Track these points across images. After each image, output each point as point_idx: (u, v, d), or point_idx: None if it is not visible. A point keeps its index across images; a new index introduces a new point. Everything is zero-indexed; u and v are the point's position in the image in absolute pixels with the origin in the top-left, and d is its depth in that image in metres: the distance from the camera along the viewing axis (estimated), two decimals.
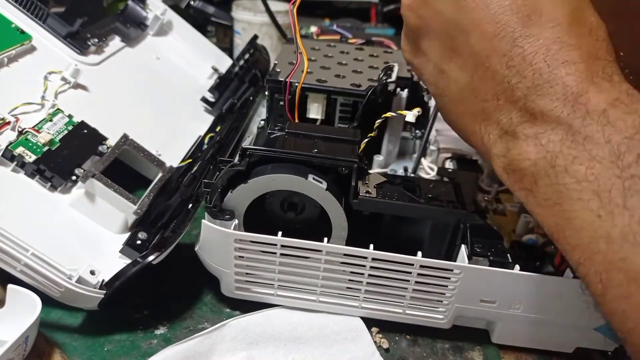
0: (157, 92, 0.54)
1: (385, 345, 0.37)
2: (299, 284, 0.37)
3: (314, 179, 0.34)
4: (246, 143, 0.37)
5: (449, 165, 0.51)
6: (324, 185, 0.34)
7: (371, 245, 0.34)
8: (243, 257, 0.35)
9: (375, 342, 0.36)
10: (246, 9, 0.72)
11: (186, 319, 0.37)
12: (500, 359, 0.37)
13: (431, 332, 0.38)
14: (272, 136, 0.38)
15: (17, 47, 0.43)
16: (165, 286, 0.40)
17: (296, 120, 0.44)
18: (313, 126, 0.42)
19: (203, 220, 0.35)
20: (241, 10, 0.73)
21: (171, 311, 0.38)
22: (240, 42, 0.75)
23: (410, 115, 0.40)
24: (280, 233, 0.34)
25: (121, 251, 0.36)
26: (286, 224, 0.37)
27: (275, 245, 0.34)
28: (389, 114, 0.41)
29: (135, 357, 0.34)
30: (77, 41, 0.48)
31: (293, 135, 0.38)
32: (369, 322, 0.38)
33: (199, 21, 0.75)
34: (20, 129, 0.38)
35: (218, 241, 0.35)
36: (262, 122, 0.50)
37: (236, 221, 0.36)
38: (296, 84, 0.42)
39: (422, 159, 0.49)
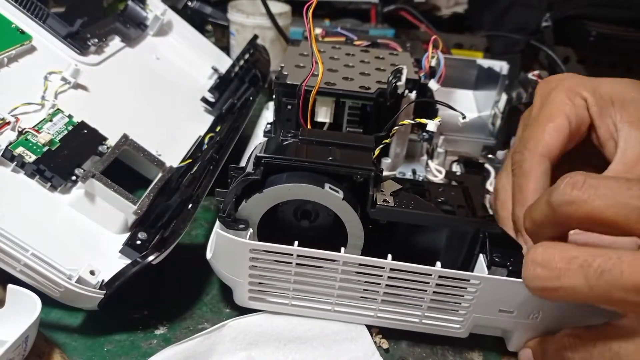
0: (157, 92, 0.54)
1: (385, 345, 0.37)
2: (314, 293, 0.36)
3: (330, 188, 0.34)
4: (257, 150, 0.36)
5: (455, 168, 0.51)
6: (341, 194, 0.34)
7: (389, 256, 0.33)
8: (257, 266, 0.35)
9: (375, 342, 0.36)
10: (239, 11, 0.72)
11: (186, 319, 0.37)
12: (500, 359, 0.37)
13: (431, 333, 0.38)
14: (284, 143, 0.37)
15: (17, 47, 0.43)
16: (165, 286, 0.40)
17: (309, 126, 0.43)
18: (327, 132, 0.41)
19: (217, 230, 0.34)
20: (235, 12, 0.73)
21: (171, 311, 0.38)
22: (234, 44, 0.75)
23: (432, 125, 0.39)
24: (296, 243, 0.34)
25: (121, 251, 0.36)
26: (299, 232, 0.37)
27: (291, 255, 0.34)
28: (406, 122, 0.40)
29: (135, 357, 0.34)
30: (77, 41, 0.48)
31: (307, 142, 0.37)
32: None
33: (196, 21, 0.75)
34: (20, 129, 0.38)
35: (233, 251, 0.34)
36: (269, 126, 0.50)
37: (250, 231, 0.35)
38: (310, 89, 0.41)
39: (430, 162, 0.49)
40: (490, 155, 0.55)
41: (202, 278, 0.41)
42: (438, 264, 0.33)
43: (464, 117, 0.40)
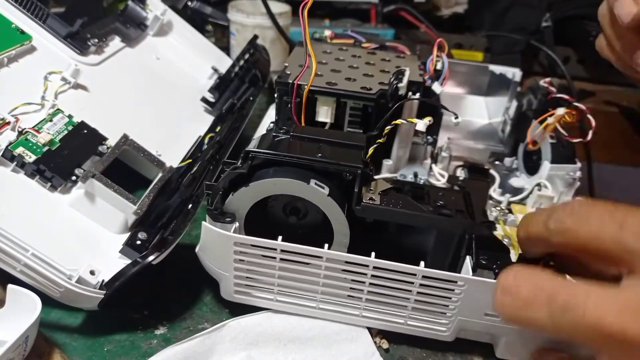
0: (157, 92, 0.54)
1: (385, 345, 0.37)
2: (299, 290, 0.36)
3: (316, 184, 0.34)
4: (251, 145, 0.36)
5: (460, 173, 0.50)
6: (326, 190, 0.34)
7: (372, 254, 0.33)
8: (243, 260, 0.35)
9: (375, 342, 0.36)
10: (240, 11, 0.72)
11: (186, 319, 0.37)
12: None
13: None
14: (276, 139, 0.37)
15: (17, 47, 0.43)
16: (165, 286, 0.40)
17: (303, 124, 0.43)
18: (319, 130, 0.41)
19: (203, 222, 0.35)
20: (235, 12, 0.73)
21: (171, 311, 0.38)
22: (234, 43, 0.75)
23: (421, 124, 0.40)
24: (280, 237, 0.34)
25: (121, 251, 0.36)
26: (289, 229, 0.37)
27: (275, 249, 0.34)
28: (398, 121, 0.40)
29: (135, 357, 0.34)
30: (77, 41, 0.48)
31: (298, 138, 0.37)
32: None
33: (196, 22, 0.75)
34: (20, 129, 0.38)
35: (218, 244, 0.35)
36: (272, 125, 0.50)
37: (237, 224, 0.35)
38: (304, 87, 0.41)
39: (433, 166, 0.49)
40: (497, 162, 0.55)
41: (202, 278, 0.41)
42: (422, 263, 0.33)
43: (456, 117, 0.40)
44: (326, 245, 0.34)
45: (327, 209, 0.35)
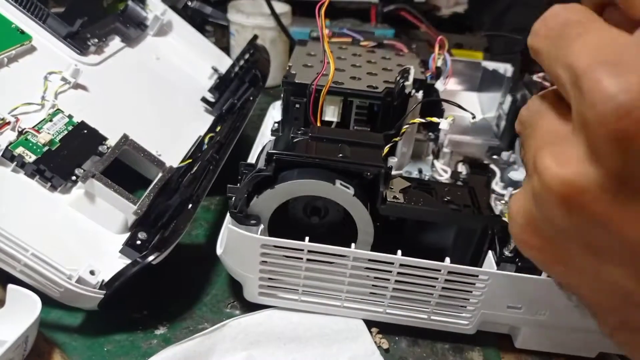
0: (157, 92, 0.54)
1: (385, 345, 0.37)
2: (324, 289, 0.36)
3: (341, 184, 0.34)
4: (268, 148, 0.36)
5: (461, 168, 0.51)
6: (351, 191, 0.34)
7: (399, 251, 0.34)
8: (267, 262, 0.35)
9: (375, 342, 0.36)
10: (239, 12, 0.72)
11: (186, 319, 0.37)
12: (500, 359, 0.37)
13: (431, 333, 0.38)
14: (294, 140, 0.37)
15: (17, 47, 0.43)
16: (165, 286, 0.40)
17: (318, 124, 0.44)
18: (336, 130, 0.42)
19: (229, 225, 0.35)
20: (235, 12, 0.73)
21: (171, 311, 0.38)
22: (234, 44, 0.75)
23: (445, 124, 0.40)
24: (307, 238, 0.34)
25: (121, 251, 0.36)
26: (309, 229, 0.37)
27: (302, 250, 0.34)
28: (417, 120, 0.40)
29: (135, 357, 0.34)
30: (77, 41, 0.48)
31: (317, 139, 0.37)
32: (369, 323, 0.38)
33: (196, 22, 0.75)
34: (20, 129, 0.38)
35: (244, 246, 0.35)
36: (277, 125, 0.50)
37: (262, 226, 0.35)
38: (321, 88, 0.41)
39: (436, 162, 0.50)
40: (495, 156, 0.56)
41: (202, 278, 0.41)
42: (447, 259, 0.34)
43: (473, 117, 0.40)
44: (353, 245, 0.34)
45: (352, 208, 0.35)
